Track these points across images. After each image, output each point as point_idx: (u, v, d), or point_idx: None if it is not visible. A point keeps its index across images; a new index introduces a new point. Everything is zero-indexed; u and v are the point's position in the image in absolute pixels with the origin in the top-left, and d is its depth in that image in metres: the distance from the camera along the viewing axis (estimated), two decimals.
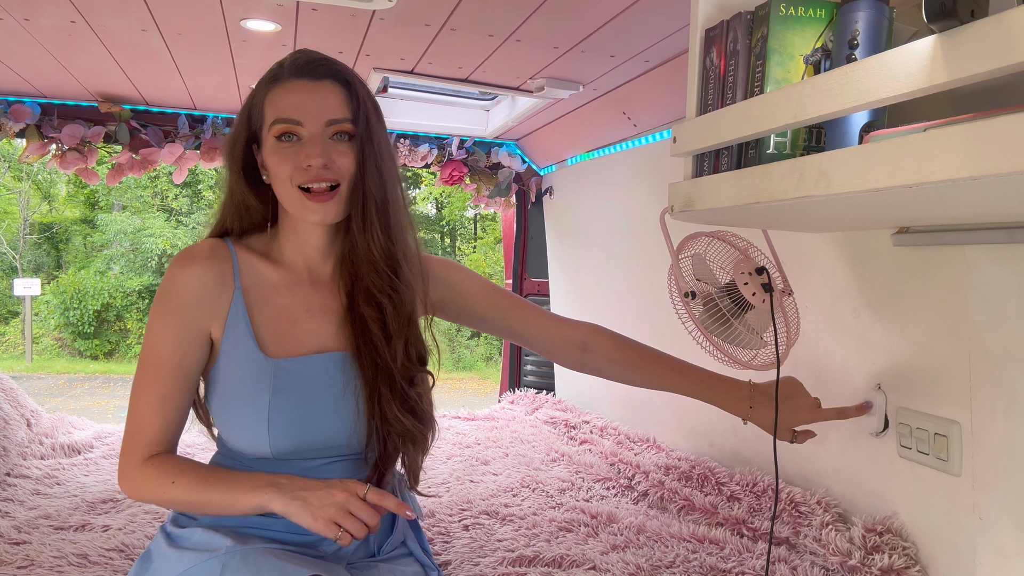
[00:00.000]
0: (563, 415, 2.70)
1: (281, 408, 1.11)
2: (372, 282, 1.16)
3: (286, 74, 1.13)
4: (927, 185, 0.68)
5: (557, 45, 1.84)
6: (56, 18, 1.75)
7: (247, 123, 1.16)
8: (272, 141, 1.12)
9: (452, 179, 3.11)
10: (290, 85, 1.12)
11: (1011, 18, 0.59)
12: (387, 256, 1.16)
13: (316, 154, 1.09)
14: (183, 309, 1.11)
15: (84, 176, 2.70)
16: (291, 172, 1.10)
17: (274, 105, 1.12)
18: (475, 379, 13.45)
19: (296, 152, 1.10)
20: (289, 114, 1.10)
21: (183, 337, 1.11)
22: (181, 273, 1.12)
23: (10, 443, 2.15)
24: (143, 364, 1.12)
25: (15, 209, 17.41)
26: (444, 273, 1.34)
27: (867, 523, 1.35)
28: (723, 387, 1.32)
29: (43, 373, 14.27)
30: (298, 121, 1.10)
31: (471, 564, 1.50)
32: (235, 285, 1.14)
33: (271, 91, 1.13)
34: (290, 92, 1.11)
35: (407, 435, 1.17)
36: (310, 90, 1.11)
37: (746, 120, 0.95)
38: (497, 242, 15.36)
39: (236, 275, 1.15)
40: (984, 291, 1.13)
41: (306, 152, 1.09)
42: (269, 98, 1.13)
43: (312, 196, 1.10)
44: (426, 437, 1.21)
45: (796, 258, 1.53)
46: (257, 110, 1.15)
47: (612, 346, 1.38)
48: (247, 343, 1.12)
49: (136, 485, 1.11)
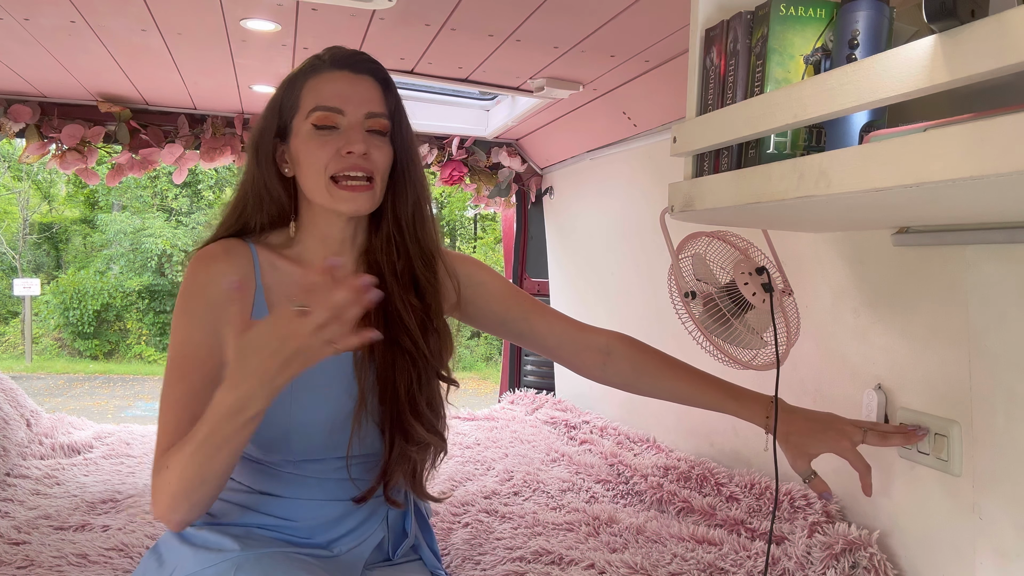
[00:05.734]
0: (563, 415, 2.70)
1: (298, 407, 1.10)
2: (419, 271, 1.18)
3: (327, 65, 1.13)
4: (927, 185, 0.68)
5: (557, 45, 1.84)
6: (56, 18, 1.75)
7: (278, 113, 1.15)
8: (308, 129, 1.11)
9: (452, 179, 3.11)
10: (332, 75, 1.12)
11: (1011, 18, 0.59)
12: (428, 252, 1.19)
13: (358, 140, 1.09)
14: (206, 307, 1.09)
15: (84, 176, 2.70)
16: (327, 160, 1.09)
17: (315, 93, 1.12)
18: (475, 379, 13.44)
19: (335, 140, 1.10)
20: (331, 102, 1.10)
21: (207, 334, 1.09)
22: (203, 271, 1.11)
23: (10, 443, 2.15)
24: (170, 366, 1.09)
25: (15, 209, 17.41)
26: (468, 272, 1.31)
27: (861, 524, 1.35)
28: (748, 399, 1.23)
29: (43, 373, 14.27)
30: (340, 109, 1.10)
31: (471, 563, 1.50)
32: (256, 284, 1.13)
33: (310, 80, 1.13)
34: (332, 81, 1.12)
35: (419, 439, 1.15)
36: (352, 81, 1.13)
37: (746, 120, 0.95)
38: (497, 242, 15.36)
39: (257, 274, 1.14)
40: (984, 291, 1.13)
41: (347, 139, 1.10)
42: (309, 86, 1.12)
43: (345, 186, 1.10)
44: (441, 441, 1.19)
45: (796, 258, 1.53)
46: (291, 99, 1.14)
47: (635, 352, 1.31)
48: None
49: (154, 493, 1.01)
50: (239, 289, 0.92)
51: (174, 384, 1.08)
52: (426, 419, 1.16)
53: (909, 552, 1.31)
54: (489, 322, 1.34)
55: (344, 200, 1.10)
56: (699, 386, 1.26)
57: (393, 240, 1.18)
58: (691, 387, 1.27)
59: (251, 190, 1.18)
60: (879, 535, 1.34)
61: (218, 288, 1.10)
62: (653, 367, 1.30)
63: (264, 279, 1.14)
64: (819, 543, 1.37)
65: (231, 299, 0.90)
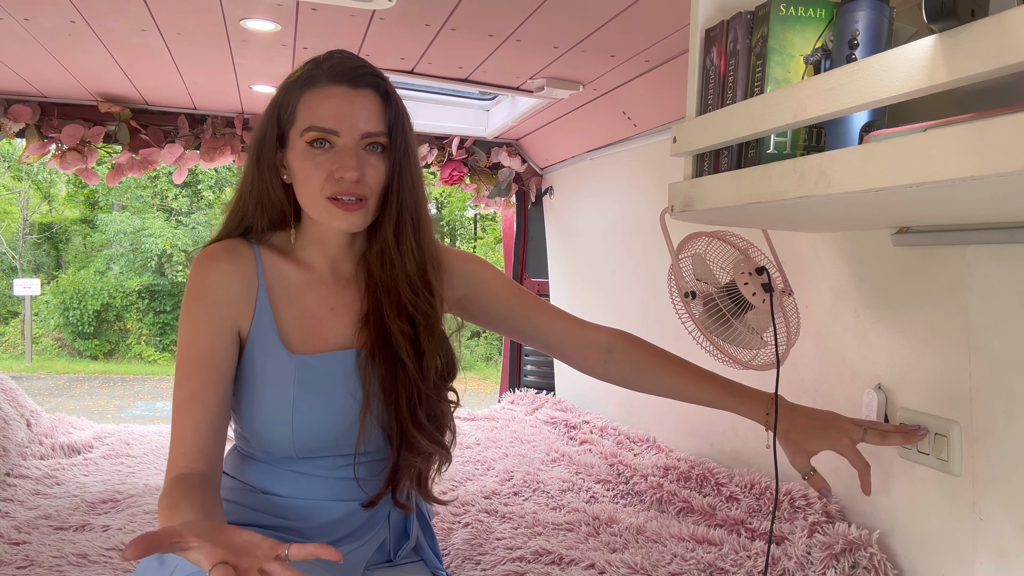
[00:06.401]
0: (563, 415, 2.70)
1: (304, 405, 1.10)
2: (406, 297, 1.15)
3: (324, 78, 1.09)
4: (927, 185, 0.68)
5: (557, 45, 1.84)
6: (56, 18, 1.75)
7: (276, 122, 1.12)
8: (303, 146, 1.08)
9: (452, 179, 3.11)
10: (328, 91, 1.08)
11: (1011, 18, 0.59)
12: (421, 270, 1.16)
13: (351, 167, 1.06)
14: (212, 306, 1.09)
15: (84, 176, 2.70)
16: (322, 182, 1.07)
17: (309, 110, 1.08)
18: (475, 379, 13.43)
19: (328, 161, 1.07)
20: (326, 122, 1.07)
21: (213, 332, 1.08)
22: (208, 271, 1.11)
23: (10, 443, 2.15)
24: (178, 368, 1.09)
25: (15, 209, 17.41)
26: (470, 270, 1.30)
27: (861, 524, 1.35)
28: (749, 396, 1.22)
29: (43, 373, 14.27)
30: (335, 131, 1.07)
31: (471, 563, 1.50)
32: (259, 282, 1.13)
33: (306, 94, 1.09)
34: (327, 98, 1.08)
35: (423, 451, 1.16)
36: (349, 99, 1.08)
37: (746, 120, 0.95)
38: (497, 242, 15.36)
39: (260, 273, 1.14)
40: (984, 291, 1.13)
41: (341, 164, 1.06)
42: (304, 101, 1.09)
43: (339, 204, 1.08)
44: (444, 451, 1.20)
45: (796, 258, 1.53)
46: (288, 111, 1.11)
47: (637, 349, 1.30)
48: (272, 340, 1.12)
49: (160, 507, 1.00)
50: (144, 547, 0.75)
51: (181, 385, 1.08)
52: (428, 431, 1.16)
53: (909, 552, 1.31)
54: (491, 320, 1.33)
55: (338, 218, 1.09)
56: (700, 383, 1.25)
57: (386, 251, 1.16)
58: (692, 384, 1.26)
59: (252, 194, 1.16)
60: (879, 535, 1.34)
61: (218, 289, 1.10)
62: (654, 364, 1.29)
63: (266, 278, 1.14)
64: (819, 543, 1.37)
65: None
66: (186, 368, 1.08)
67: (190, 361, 1.08)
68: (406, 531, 1.25)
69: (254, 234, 1.19)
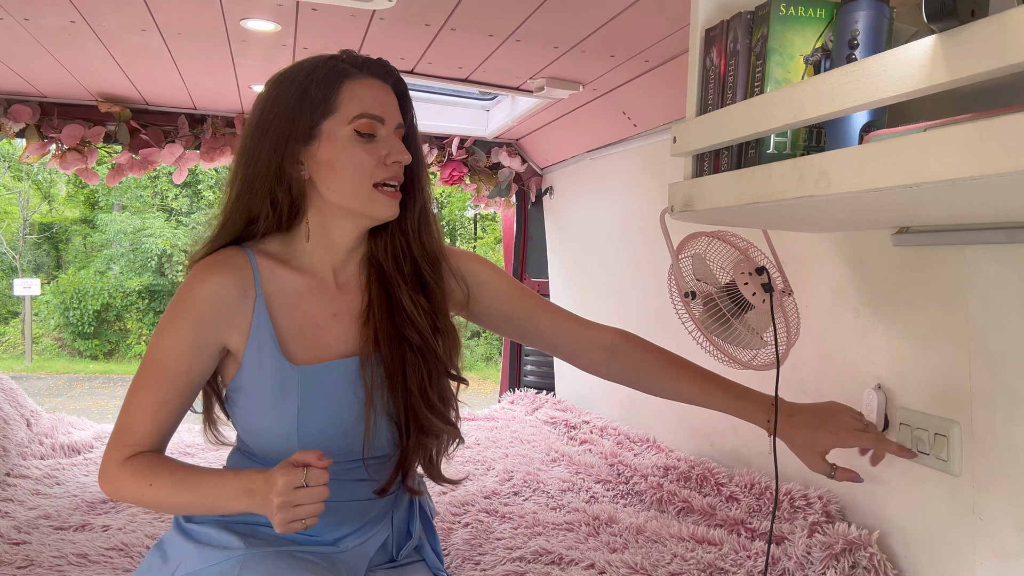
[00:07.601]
0: (563, 415, 2.70)
1: (309, 415, 1.10)
2: (427, 275, 1.20)
3: (361, 70, 1.12)
4: (927, 185, 0.68)
5: (557, 45, 1.84)
6: (56, 18, 1.75)
7: (307, 113, 1.09)
8: (348, 133, 1.09)
9: (452, 179, 3.11)
10: (370, 82, 1.12)
11: (1011, 18, 0.59)
12: (436, 251, 1.22)
13: (403, 150, 1.12)
14: (198, 321, 1.08)
15: (84, 176, 2.70)
16: (373, 167, 1.10)
17: (358, 99, 1.09)
18: (475, 379, 13.45)
19: (377, 147, 1.10)
20: (375, 110, 1.10)
21: (193, 349, 1.08)
22: (200, 284, 1.09)
23: (10, 443, 2.15)
24: (146, 367, 1.09)
25: (15, 209, 17.40)
26: (473, 270, 1.30)
27: (861, 524, 1.35)
28: (753, 399, 1.20)
29: (43, 373, 14.27)
30: (382, 119, 1.11)
31: (471, 563, 1.50)
32: (256, 293, 1.12)
33: (347, 84, 1.09)
34: (372, 88, 1.11)
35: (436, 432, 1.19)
36: (385, 91, 1.13)
37: (746, 120, 0.95)
38: (497, 242, 15.36)
39: (257, 283, 1.12)
40: (984, 291, 1.13)
41: (393, 148, 1.11)
42: (348, 91, 1.09)
43: (386, 191, 1.11)
44: (454, 429, 1.23)
45: (796, 258, 1.53)
46: (324, 102, 1.08)
47: (640, 350, 1.30)
48: (272, 351, 1.10)
49: (114, 484, 1.08)
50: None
51: (148, 387, 1.08)
52: (439, 411, 1.18)
53: (909, 552, 1.31)
54: (494, 319, 1.33)
55: (384, 204, 1.11)
56: (703, 386, 1.24)
57: (400, 244, 1.19)
58: (695, 387, 1.25)
59: (262, 193, 1.11)
60: (879, 535, 1.34)
61: (210, 304, 1.08)
62: (657, 365, 1.29)
63: (264, 288, 1.12)
64: (819, 543, 1.37)
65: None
66: (158, 375, 1.08)
67: (164, 370, 1.08)
68: (408, 531, 1.25)
69: (250, 241, 1.16)
